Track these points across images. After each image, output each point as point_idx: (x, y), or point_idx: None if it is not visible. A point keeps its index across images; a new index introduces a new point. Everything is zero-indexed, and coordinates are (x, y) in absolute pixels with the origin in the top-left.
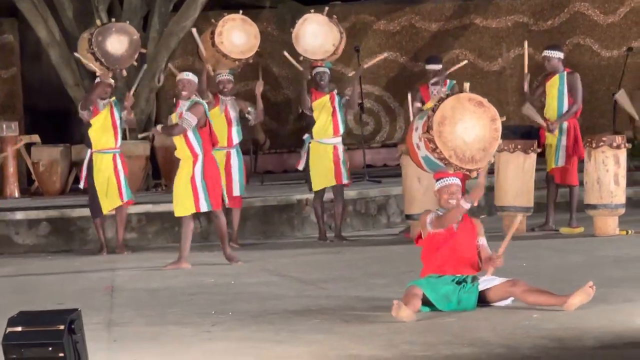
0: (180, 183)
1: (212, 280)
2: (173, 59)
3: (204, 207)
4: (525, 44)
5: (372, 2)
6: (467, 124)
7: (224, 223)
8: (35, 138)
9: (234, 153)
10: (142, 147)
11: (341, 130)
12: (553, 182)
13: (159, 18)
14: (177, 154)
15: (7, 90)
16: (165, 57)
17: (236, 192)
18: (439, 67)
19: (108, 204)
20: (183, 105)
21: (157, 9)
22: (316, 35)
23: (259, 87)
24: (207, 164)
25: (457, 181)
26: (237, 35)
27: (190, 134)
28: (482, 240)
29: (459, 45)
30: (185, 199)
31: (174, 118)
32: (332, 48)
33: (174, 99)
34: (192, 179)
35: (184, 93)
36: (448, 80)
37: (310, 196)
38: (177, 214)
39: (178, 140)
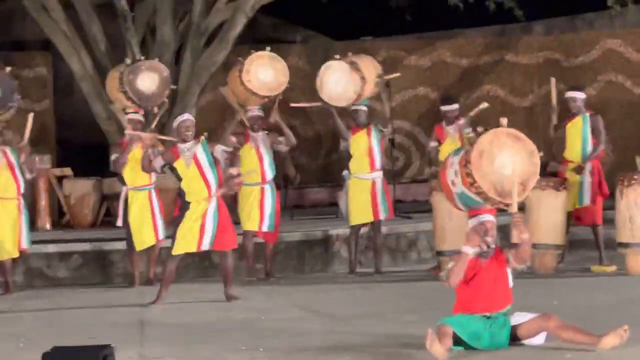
0: (189, 220)
1: (242, 315)
2: (204, 93)
3: (205, 246)
4: (553, 80)
5: (403, 37)
6: (506, 158)
7: (231, 264)
8: (67, 171)
9: (267, 189)
10: (173, 180)
11: (378, 165)
12: (573, 220)
13: (191, 52)
14: (189, 189)
15: (40, 123)
16: (196, 91)
17: (265, 227)
18: (454, 107)
19: (142, 242)
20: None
21: (189, 43)
22: (338, 83)
23: (275, 115)
24: (220, 203)
25: (493, 218)
26: (265, 73)
27: (207, 172)
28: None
29: (490, 81)
30: (189, 237)
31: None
32: (354, 95)
33: (205, 133)
34: (204, 217)
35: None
36: (463, 119)
37: (340, 231)
38: (176, 252)
39: (195, 177)
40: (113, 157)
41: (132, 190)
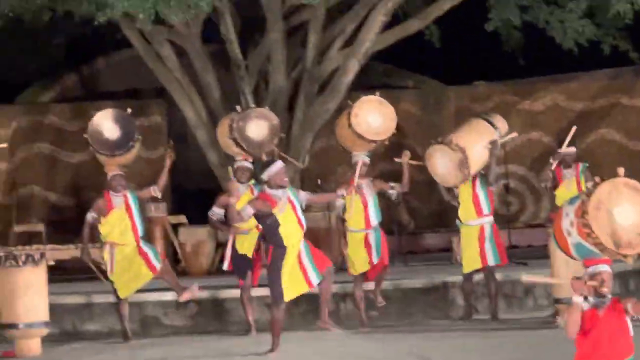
0: (289, 264)
1: None
2: (317, 139)
3: (314, 281)
4: None
5: (516, 81)
6: (624, 209)
7: (330, 287)
8: (182, 219)
9: (371, 234)
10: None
11: (485, 210)
12: None
13: (304, 99)
14: (286, 234)
15: (155, 171)
16: (310, 138)
17: (374, 259)
18: (572, 150)
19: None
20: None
21: (302, 90)
22: (443, 166)
23: (405, 159)
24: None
25: (609, 268)
26: (373, 117)
27: (301, 215)
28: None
29: (605, 125)
30: (296, 280)
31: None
32: (461, 176)
33: (318, 180)
34: (300, 255)
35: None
36: (580, 164)
37: (456, 278)
38: (288, 297)
39: (292, 221)
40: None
41: (240, 234)
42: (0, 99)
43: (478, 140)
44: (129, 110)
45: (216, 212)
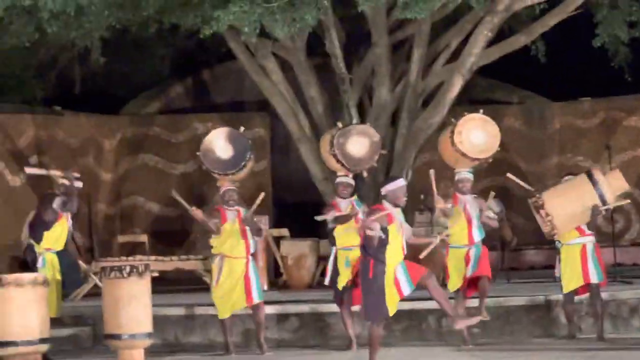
0: (389, 284)
1: None
2: (420, 154)
3: (406, 291)
4: None
5: (623, 97)
6: None
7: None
8: (284, 232)
9: (472, 250)
10: None
11: (586, 230)
12: None
13: (407, 114)
14: (391, 252)
15: (257, 184)
16: (413, 153)
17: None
18: None
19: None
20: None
21: (406, 105)
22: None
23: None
24: None
25: None
26: (477, 135)
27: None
28: None
29: None
30: (394, 295)
31: None
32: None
33: (421, 196)
34: (395, 271)
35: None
36: None
37: (559, 297)
38: (392, 312)
39: (399, 240)
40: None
41: (342, 250)
42: (106, 110)
43: (573, 207)
44: (242, 128)
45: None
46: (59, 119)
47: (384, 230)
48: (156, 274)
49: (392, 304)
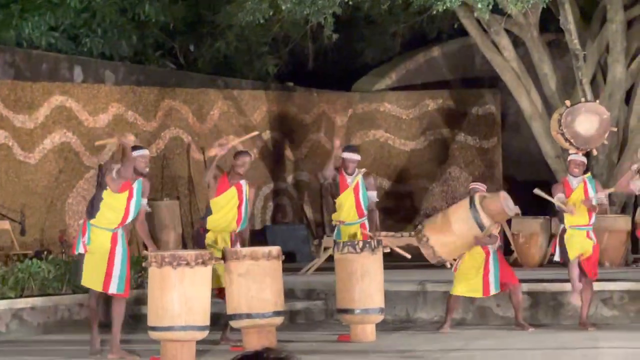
0: None
1: None
2: None
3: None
4: None
5: None
6: None
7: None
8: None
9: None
10: (623, 221)
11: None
12: None
13: None
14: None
15: (488, 160)
16: None
17: None
18: None
19: None
20: None
21: None
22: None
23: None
24: None
25: None
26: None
27: None
28: None
29: None
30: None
31: None
32: None
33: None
34: None
35: None
36: None
37: None
38: None
39: None
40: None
41: (570, 228)
42: (337, 86)
43: (453, 239)
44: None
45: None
46: (292, 95)
47: None
48: (388, 250)
49: None
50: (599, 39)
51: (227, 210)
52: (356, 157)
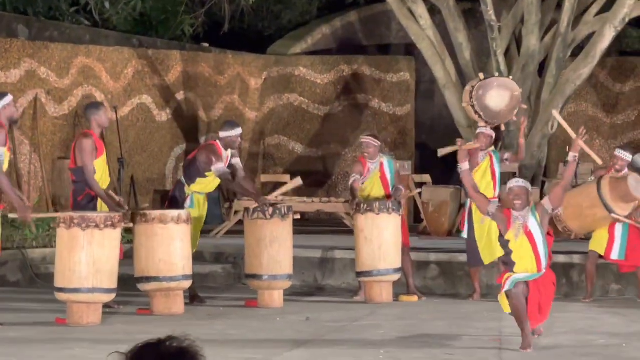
0: None
1: (602, 341)
2: (567, 104)
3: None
4: None
5: None
6: None
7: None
8: (427, 178)
9: None
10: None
11: None
12: None
13: (555, 64)
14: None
15: (401, 128)
16: (560, 103)
17: None
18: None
19: (489, 256)
20: None
21: (554, 55)
22: None
23: None
24: None
25: None
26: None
27: None
28: None
29: None
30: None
31: None
32: None
33: (567, 147)
34: None
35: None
36: None
37: None
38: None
39: None
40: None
41: None
42: (253, 49)
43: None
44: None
45: None
46: (207, 56)
47: None
48: (298, 217)
49: None
50: (514, 11)
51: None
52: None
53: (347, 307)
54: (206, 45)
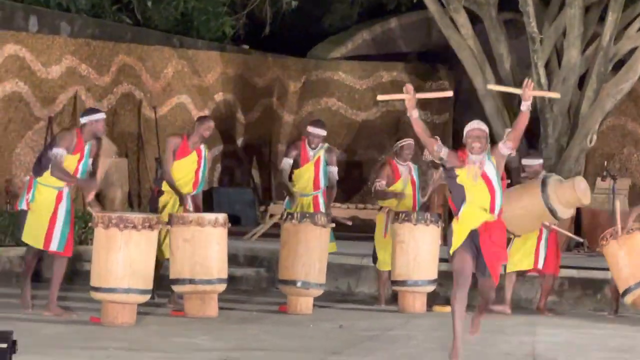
0: None
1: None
2: (606, 118)
3: None
4: None
5: None
6: None
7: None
8: None
9: None
10: None
11: None
12: None
13: (596, 77)
14: None
15: (439, 135)
16: (599, 117)
17: None
18: None
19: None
20: None
21: (595, 68)
22: None
23: None
24: None
25: None
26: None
27: None
28: None
29: None
30: None
31: None
32: None
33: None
34: None
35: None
36: None
37: None
38: None
39: None
40: None
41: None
42: (292, 52)
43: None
44: None
45: None
46: (247, 58)
47: None
48: (333, 225)
49: None
50: (556, 23)
51: (185, 173)
52: (322, 132)
53: (380, 315)
54: (246, 47)
